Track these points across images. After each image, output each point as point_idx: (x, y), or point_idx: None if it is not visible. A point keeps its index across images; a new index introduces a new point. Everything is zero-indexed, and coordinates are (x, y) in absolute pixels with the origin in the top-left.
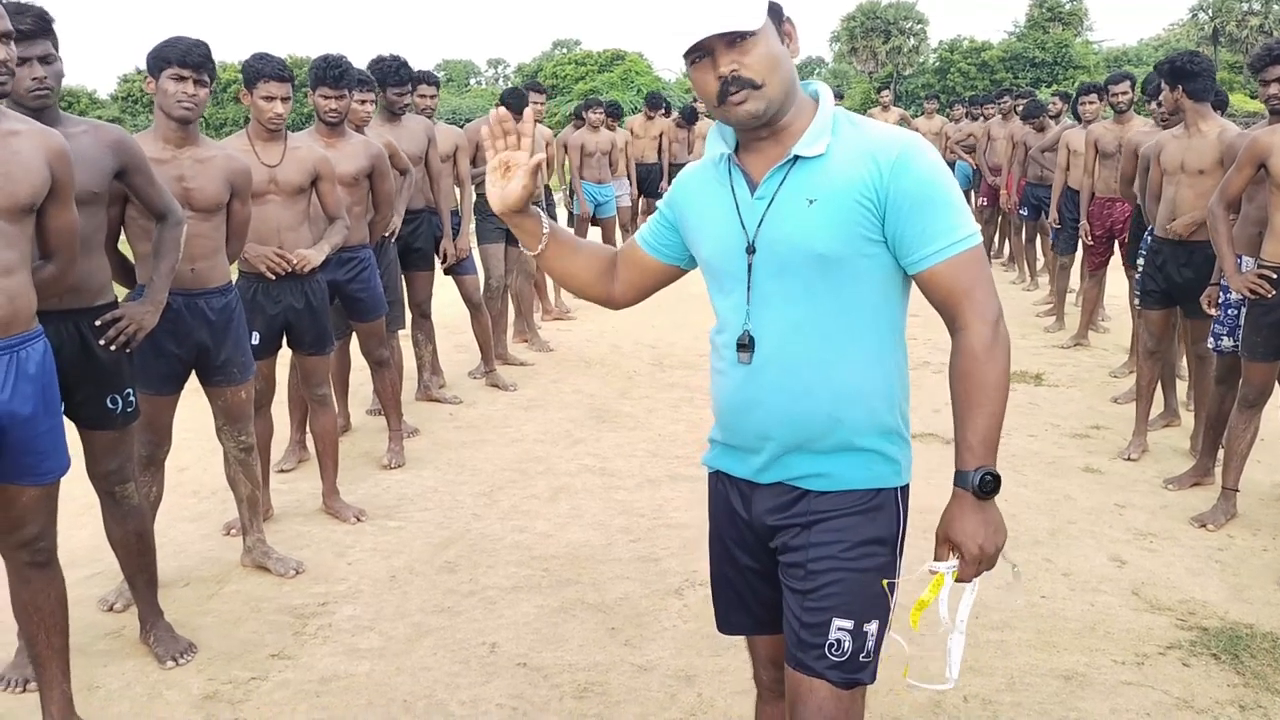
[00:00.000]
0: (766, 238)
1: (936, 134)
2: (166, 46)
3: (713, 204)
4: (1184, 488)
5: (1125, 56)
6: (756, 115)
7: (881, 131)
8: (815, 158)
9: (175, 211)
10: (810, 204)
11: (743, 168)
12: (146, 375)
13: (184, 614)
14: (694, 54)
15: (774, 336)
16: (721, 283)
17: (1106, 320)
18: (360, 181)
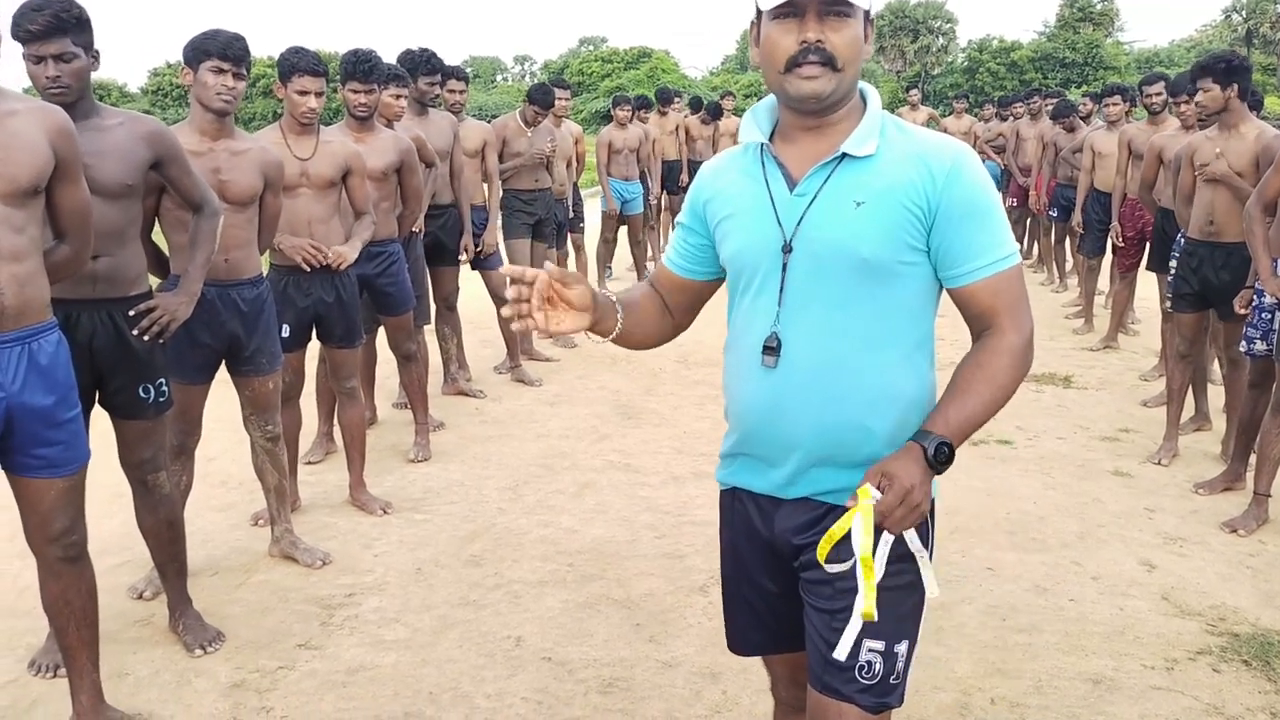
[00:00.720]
0: (806, 237)
1: (965, 133)
2: (207, 39)
3: (744, 197)
4: (1215, 492)
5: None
6: (820, 96)
7: (932, 138)
8: (864, 158)
9: (212, 202)
10: (858, 206)
11: (780, 160)
12: (180, 365)
13: (212, 603)
14: (783, 8)
15: (804, 340)
16: (749, 282)
17: (1136, 323)
18: (389, 176)
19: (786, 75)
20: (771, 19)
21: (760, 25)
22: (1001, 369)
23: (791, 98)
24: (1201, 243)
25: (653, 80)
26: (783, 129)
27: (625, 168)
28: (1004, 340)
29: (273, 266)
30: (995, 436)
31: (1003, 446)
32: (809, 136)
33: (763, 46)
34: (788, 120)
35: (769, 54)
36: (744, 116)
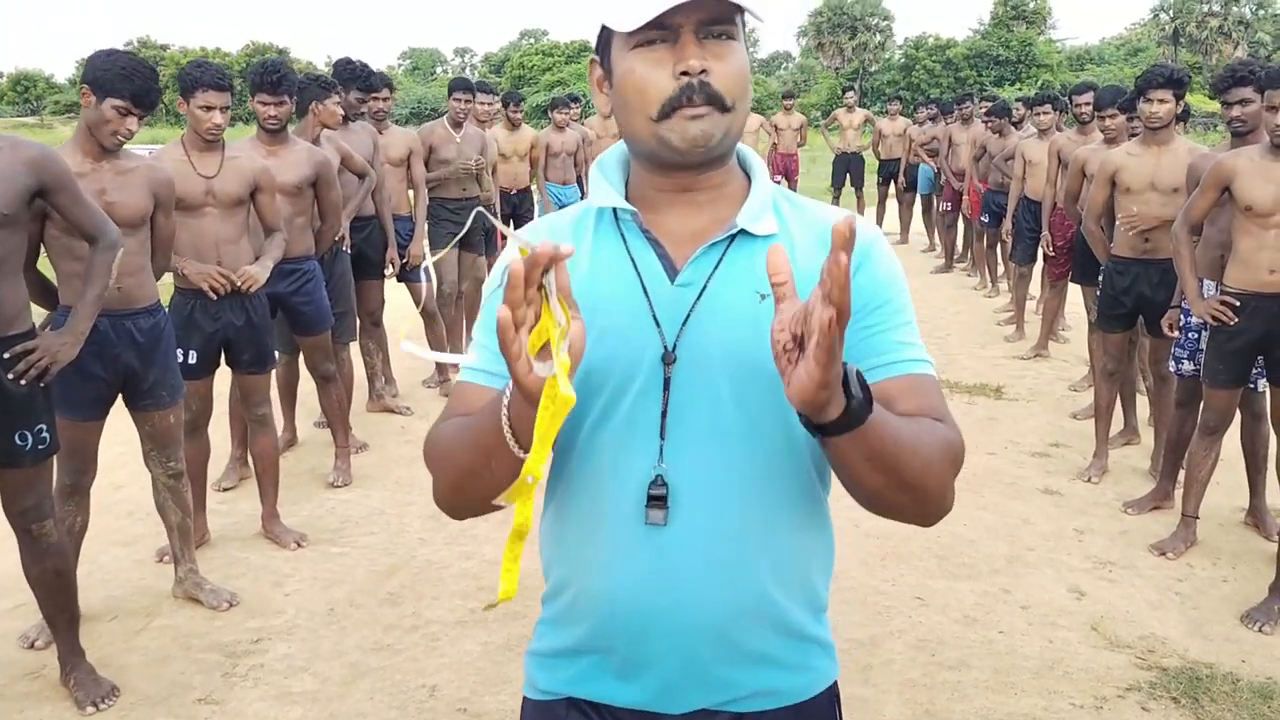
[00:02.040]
0: (696, 343)
1: (900, 135)
2: (113, 73)
3: (602, 284)
4: (1143, 511)
5: (1088, 55)
6: (708, 145)
7: (829, 212)
8: (765, 237)
9: (109, 234)
10: (763, 300)
11: (652, 236)
12: (70, 400)
13: (109, 651)
14: (648, 32)
15: (701, 485)
16: (612, 404)
17: (1067, 329)
18: (304, 190)
19: (664, 122)
20: (631, 48)
21: (610, 58)
22: (938, 445)
23: (674, 149)
24: (1135, 260)
25: None
26: (642, 193)
27: (562, 171)
28: (945, 429)
29: (177, 290)
30: None
31: None
32: (682, 205)
33: (620, 86)
34: (652, 181)
35: (634, 96)
36: (590, 172)
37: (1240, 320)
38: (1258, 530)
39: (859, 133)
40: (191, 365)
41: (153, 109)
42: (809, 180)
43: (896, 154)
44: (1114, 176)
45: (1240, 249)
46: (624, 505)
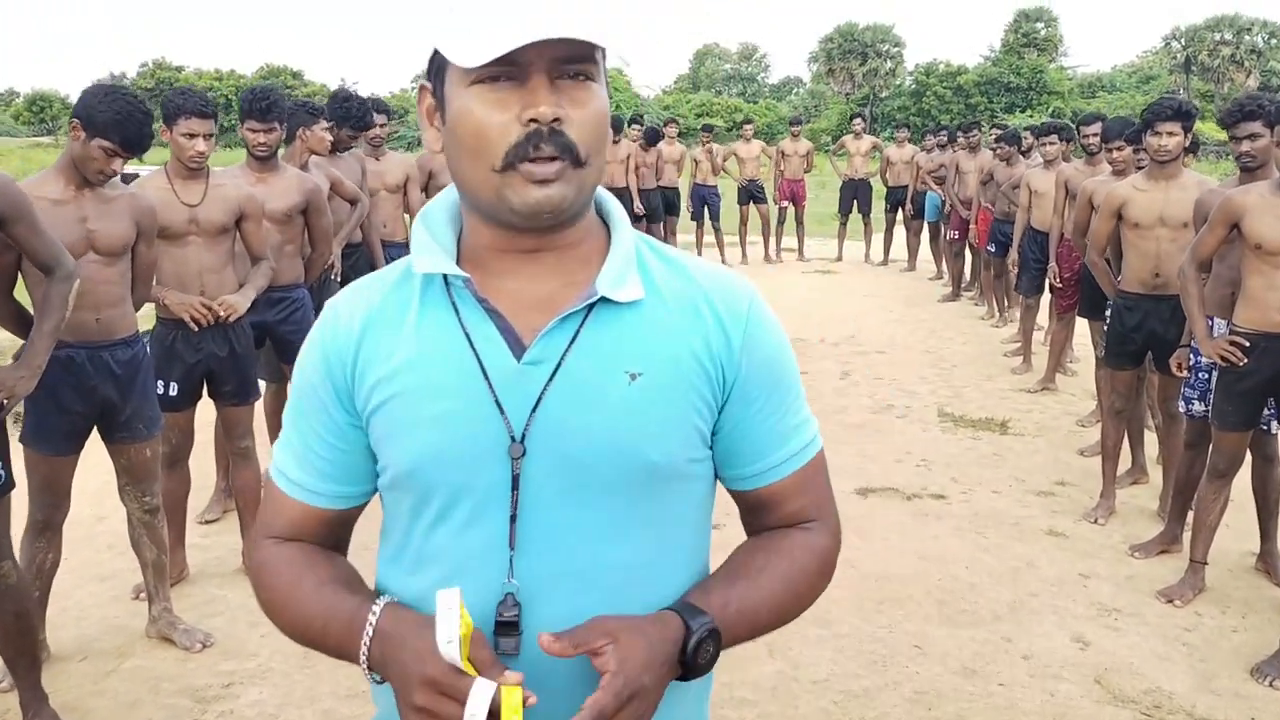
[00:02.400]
0: (550, 432)
1: (908, 163)
2: (105, 115)
3: (431, 364)
4: (1150, 555)
5: (1099, 82)
6: (556, 210)
7: (711, 273)
8: (629, 305)
9: (66, 264)
10: (632, 380)
11: (490, 306)
12: (44, 434)
13: (77, 694)
14: (492, 68)
15: (562, 603)
16: (447, 506)
17: (1075, 362)
18: (294, 218)
19: (506, 174)
20: (470, 83)
21: (444, 88)
22: (808, 571)
23: (514, 210)
24: (1145, 296)
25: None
26: (479, 253)
27: None
28: (815, 539)
29: (159, 320)
30: (929, 490)
31: (937, 501)
32: (528, 267)
33: (455, 127)
34: (490, 238)
35: (471, 141)
36: (414, 227)
37: (1250, 361)
38: (1269, 577)
39: (867, 159)
40: (173, 397)
41: (142, 152)
42: (816, 205)
43: (904, 181)
44: (1120, 210)
45: (1250, 288)
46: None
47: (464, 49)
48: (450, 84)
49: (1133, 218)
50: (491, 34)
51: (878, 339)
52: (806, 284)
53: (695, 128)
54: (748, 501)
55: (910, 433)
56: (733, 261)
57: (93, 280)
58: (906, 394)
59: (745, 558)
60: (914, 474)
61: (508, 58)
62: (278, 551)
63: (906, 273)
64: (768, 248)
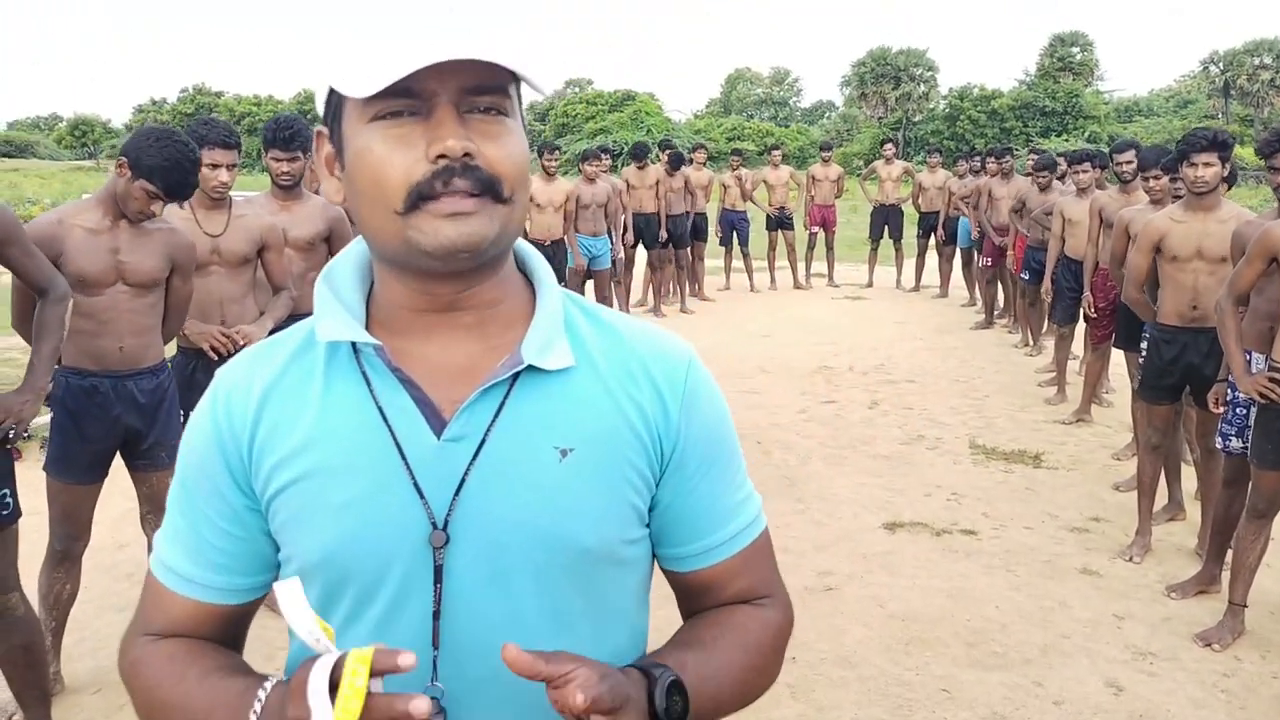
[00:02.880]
0: (475, 516)
1: (940, 188)
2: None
3: (339, 442)
4: (1188, 596)
5: (1136, 107)
6: (476, 249)
7: (644, 333)
8: (557, 373)
9: (58, 286)
10: (563, 457)
11: (405, 375)
12: (67, 462)
13: None
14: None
15: (492, 706)
16: (361, 601)
17: (1110, 393)
18: (316, 246)
19: (411, 215)
20: (369, 120)
21: (342, 132)
22: (763, 646)
23: (424, 253)
24: (1183, 329)
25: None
26: (390, 314)
27: (592, 223)
28: (767, 614)
29: (179, 350)
30: (960, 526)
31: (967, 538)
32: (444, 330)
33: (354, 169)
34: (402, 296)
35: (371, 183)
36: (317, 286)
37: None
38: None
39: (898, 184)
40: None
41: (184, 199)
42: (847, 230)
43: (936, 207)
44: (1158, 243)
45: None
46: None
47: (356, 78)
48: (348, 123)
49: (1170, 250)
50: (385, 59)
51: (908, 367)
52: (836, 310)
53: (727, 152)
54: (687, 585)
55: (940, 465)
56: (761, 287)
57: (118, 309)
58: (937, 425)
59: (693, 631)
60: (944, 508)
61: (408, 88)
62: (156, 648)
63: (938, 299)
64: (796, 274)
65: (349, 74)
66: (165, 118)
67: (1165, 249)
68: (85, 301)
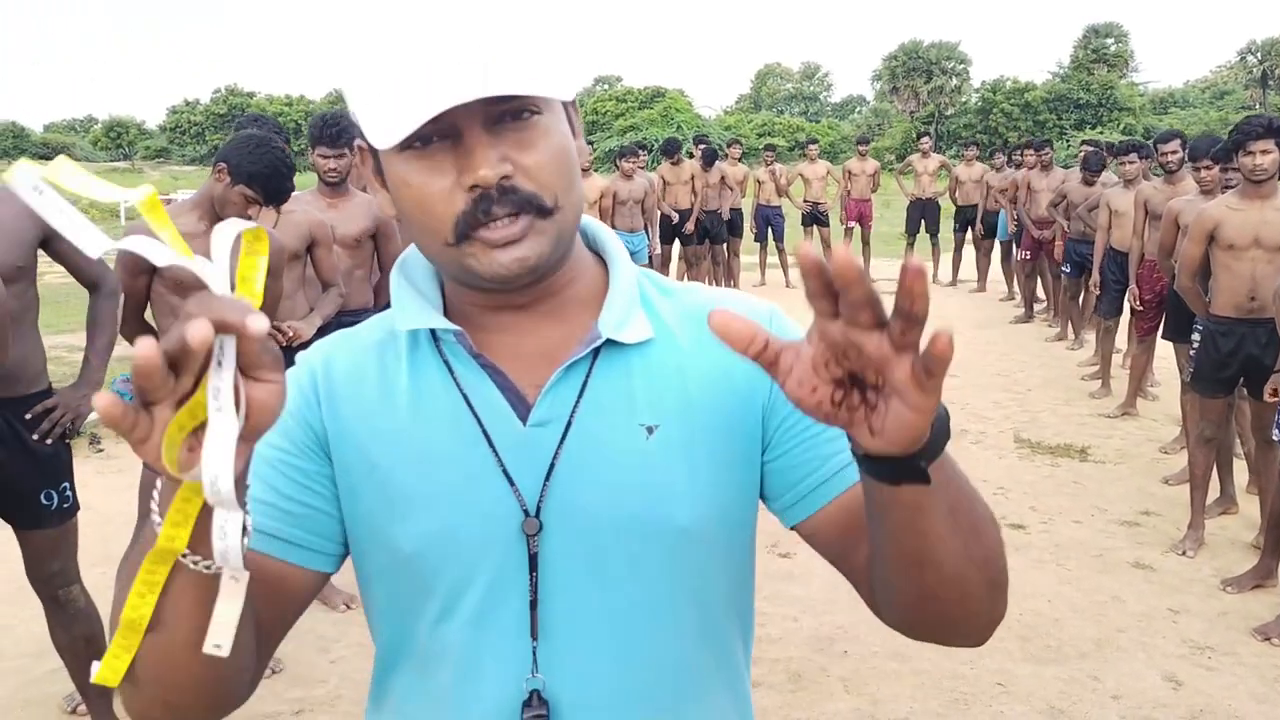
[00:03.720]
0: (567, 502)
1: (977, 182)
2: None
3: (426, 435)
4: (1244, 590)
5: (1171, 98)
6: (534, 269)
7: (721, 296)
8: (636, 346)
9: (109, 281)
10: (650, 434)
11: (487, 361)
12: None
13: None
14: (424, 130)
15: (596, 698)
16: (456, 594)
17: (1155, 386)
18: (363, 243)
19: (463, 245)
20: (400, 150)
21: (380, 156)
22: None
23: (485, 279)
24: (1240, 320)
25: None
26: (463, 307)
27: (630, 219)
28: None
29: None
30: (1008, 520)
31: (1016, 531)
32: (522, 320)
33: (398, 198)
34: (474, 298)
35: (417, 215)
36: (393, 277)
37: None
38: None
39: (934, 178)
40: None
41: (280, 204)
42: (883, 225)
43: (973, 200)
44: (1213, 232)
45: None
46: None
47: (377, 127)
48: (383, 151)
49: (1226, 239)
50: (399, 108)
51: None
52: None
53: (757, 147)
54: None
55: (985, 459)
56: (796, 283)
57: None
58: (980, 419)
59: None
60: (991, 502)
61: (436, 119)
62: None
63: (976, 293)
64: None
65: (371, 121)
66: (198, 119)
67: (1221, 238)
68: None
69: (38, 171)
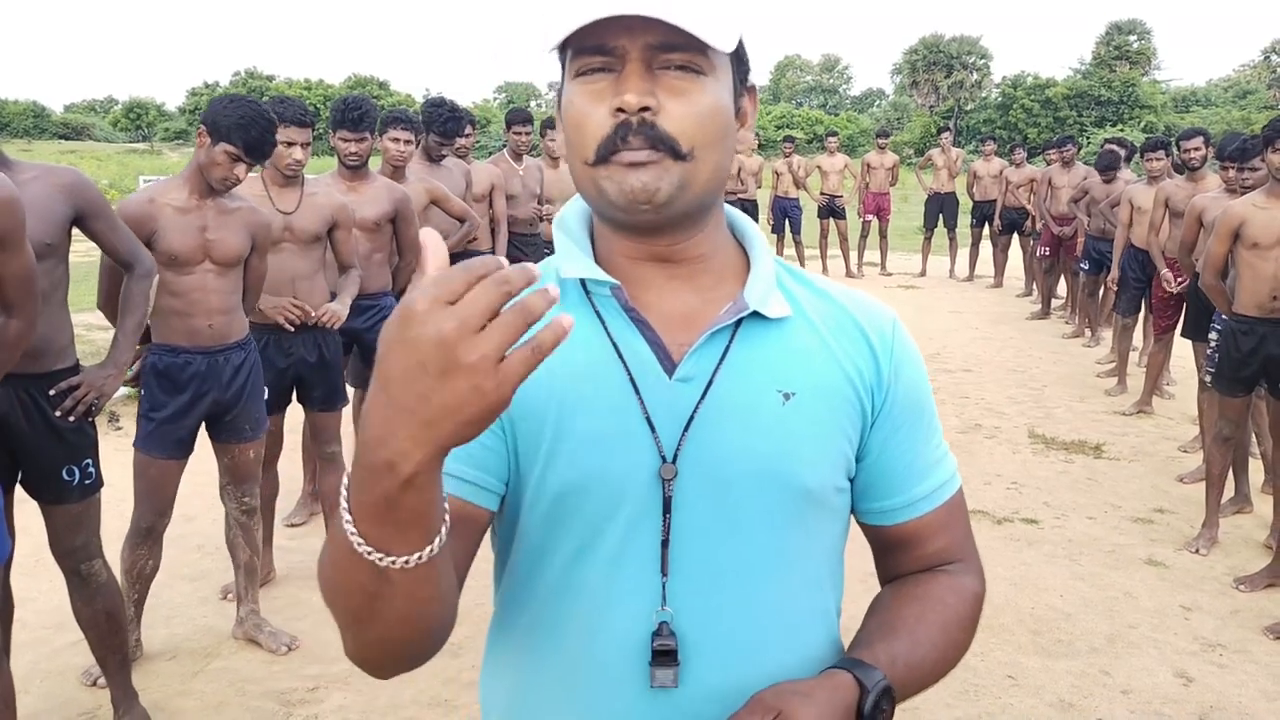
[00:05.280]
0: (702, 452)
1: (996, 177)
2: (233, 121)
3: (578, 376)
4: (1257, 589)
5: (1194, 96)
6: (651, 200)
7: (850, 294)
8: (777, 321)
9: (144, 261)
10: (786, 400)
11: (639, 316)
12: (158, 438)
13: (165, 694)
14: (588, 55)
15: (719, 633)
16: (596, 530)
17: (1172, 384)
18: (383, 226)
19: (599, 167)
20: (575, 75)
21: (563, 88)
22: (962, 617)
23: (610, 202)
24: (1262, 320)
25: None
26: (612, 261)
27: None
28: (963, 581)
29: (252, 325)
30: (1021, 515)
31: (1028, 526)
32: (663, 278)
33: (563, 122)
34: (619, 246)
35: (572, 134)
36: (554, 231)
37: None
38: None
39: (953, 173)
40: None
41: (264, 159)
42: (900, 219)
43: (991, 195)
44: (1238, 230)
45: None
46: (619, 663)
47: (545, 33)
48: (564, 79)
49: (1251, 237)
50: (569, 12)
51: (963, 357)
52: (889, 299)
53: (776, 139)
54: (888, 539)
55: (999, 454)
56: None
57: (205, 289)
58: (995, 414)
59: (896, 608)
60: (1004, 497)
61: (601, 45)
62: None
63: (993, 289)
64: (848, 262)
65: (543, 29)
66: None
67: (1245, 236)
68: (175, 280)
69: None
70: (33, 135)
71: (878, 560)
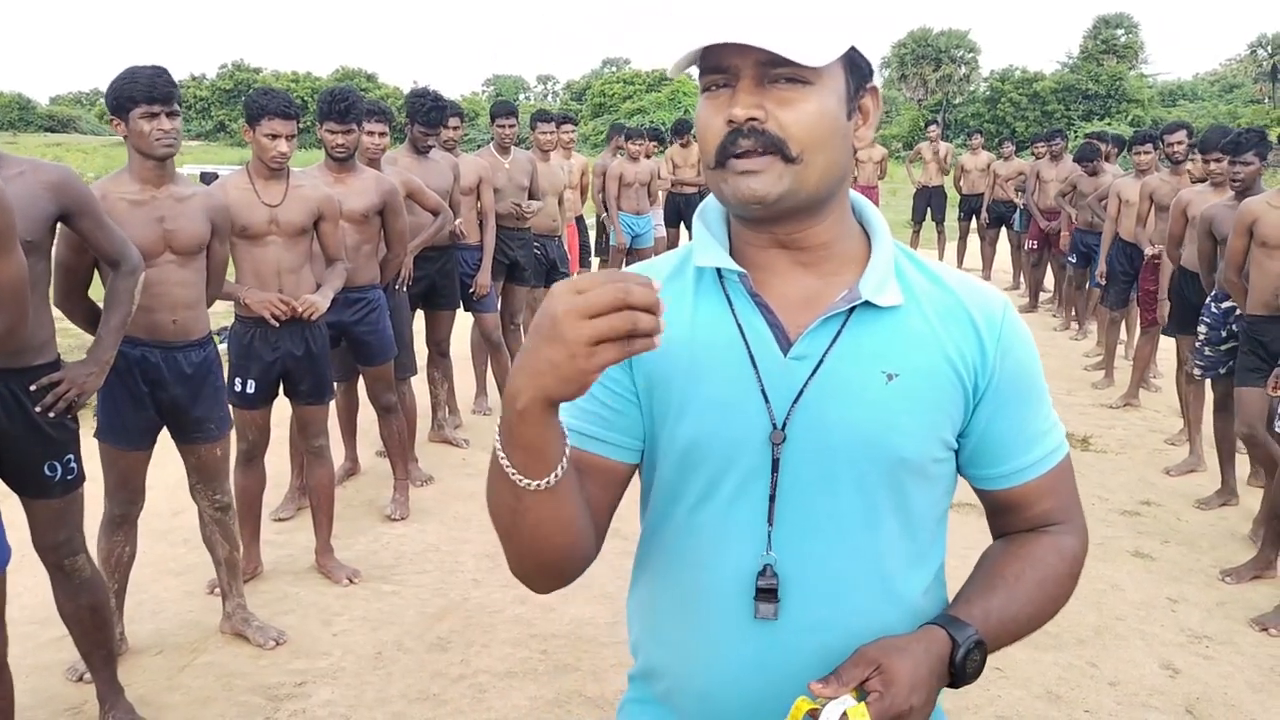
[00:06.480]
0: (810, 422)
1: (984, 170)
2: (126, 84)
3: (706, 350)
4: (1242, 581)
5: (1180, 90)
6: (764, 200)
7: (965, 283)
8: (888, 309)
9: (131, 258)
10: (889, 381)
11: (762, 301)
12: (119, 429)
13: (151, 689)
14: (710, 73)
15: (813, 578)
16: (713, 483)
17: (1158, 377)
18: (370, 219)
19: (718, 171)
20: (703, 91)
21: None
22: (1060, 574)
23: (729, 203)
24: (1269, 319)
25: (674, 103)
26: (743, 250)
27: (636, 201)
28: (1064, 541)
29: (237, 319)
30: None
31: None
32: (787, 265)
33: (697, 131)
34: (748, 236)
35: (700, 141)
36: (694, 222)
37: None
38: None
39: (942, 167)
40: (250, 395)
41: (172, 102)
42: (889, 213)
43: (979, 189)
44: (1251, 227)
45: None
46: (728, 596)
47: (674, 57)
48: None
49: (1261, 235)
50: (689, 39)
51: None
52: None
53: None
54: (996, 501)
55: None
56: None
57: (169, 282)
58: None
59: (999, 565)
60: None
61: (718, 65)
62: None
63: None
64: None
65: (672, 56)
66: (205, 93)
67: (1257, 234)
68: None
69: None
70: (18, 128)
71: (990, 519)
